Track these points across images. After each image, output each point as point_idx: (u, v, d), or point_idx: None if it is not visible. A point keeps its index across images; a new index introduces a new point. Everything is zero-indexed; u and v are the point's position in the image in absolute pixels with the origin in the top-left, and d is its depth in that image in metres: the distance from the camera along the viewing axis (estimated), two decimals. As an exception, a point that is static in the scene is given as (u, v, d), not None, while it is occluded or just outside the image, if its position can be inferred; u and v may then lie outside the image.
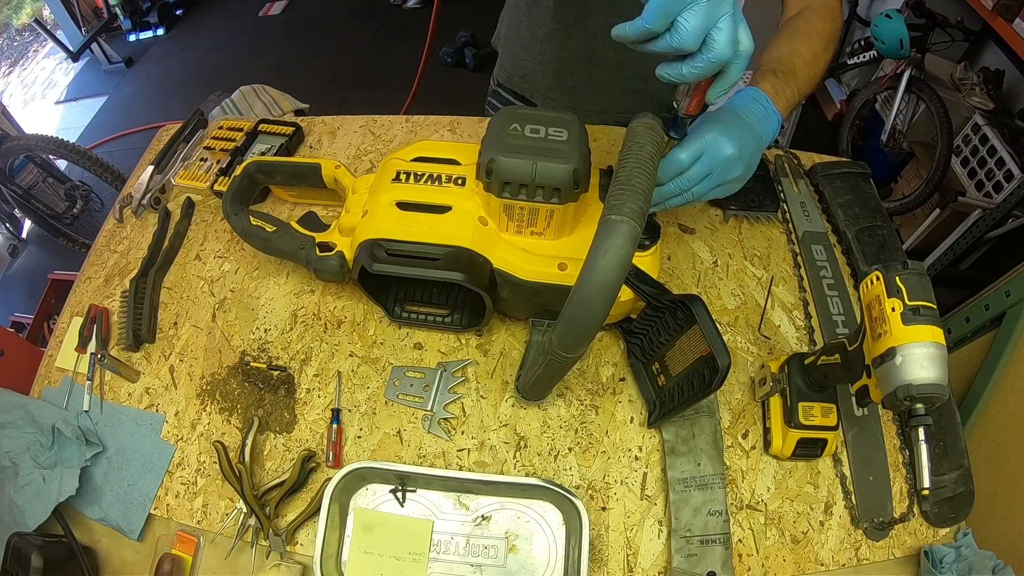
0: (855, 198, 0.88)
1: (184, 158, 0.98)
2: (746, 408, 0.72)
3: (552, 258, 0.66)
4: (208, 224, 0.91)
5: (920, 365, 0.47)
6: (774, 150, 0.96)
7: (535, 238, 0.67)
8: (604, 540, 0.64)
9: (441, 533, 0.63)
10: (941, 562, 0.62)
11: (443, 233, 0.64)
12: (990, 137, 1.80)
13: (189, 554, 0.65)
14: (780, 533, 0.65)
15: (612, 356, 0.75)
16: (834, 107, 2.61)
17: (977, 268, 1.94)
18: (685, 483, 0.65)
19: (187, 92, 3.04)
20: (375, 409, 0.72)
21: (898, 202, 2.06)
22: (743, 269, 0.82)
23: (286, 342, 0.78)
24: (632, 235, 0.45)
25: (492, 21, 1.08)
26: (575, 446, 0.69)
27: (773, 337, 0.77)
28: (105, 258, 0.90)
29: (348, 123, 1.03)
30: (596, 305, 0.47)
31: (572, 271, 0.64)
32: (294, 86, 1.81)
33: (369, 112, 1.04)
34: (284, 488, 0.66)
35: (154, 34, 3.62)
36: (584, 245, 0.48)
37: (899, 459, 0.70)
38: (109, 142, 2.96)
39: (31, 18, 3.88)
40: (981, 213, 1.73)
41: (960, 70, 2.00)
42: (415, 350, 0.76)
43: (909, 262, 0.51)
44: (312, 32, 3.40)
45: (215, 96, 1.71)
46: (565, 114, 0.64)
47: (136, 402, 0.75)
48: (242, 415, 0.72)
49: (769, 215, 0.87)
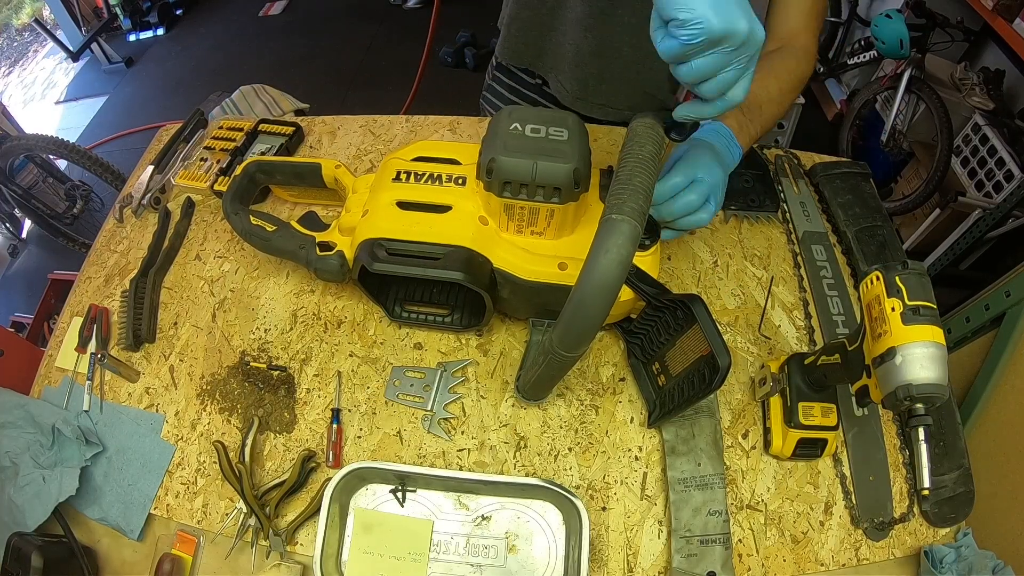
0: (855, 198, 0.88)
1: (184, 158, 0.98)
2: (746, 408, 0.72)
3: (552, 258, 0.65)
4: (208, 224, 0.91)
5: (920, 365, 0.47)
6: (774, 150, 0.96)
7: (535, 238, 0.67)
8: (604, 540, 0.64)
9: (441, 533, 0.63)
10: (941, 562, 0.62)
11: (443, 233, 0.64)
12: (990, 137, 1.80)
13: (189, 554, 0.65)
14: (780, 533, 0.65)
15: (612, 356, 0.75)
16: (834, 107, 2.61)
17: (977, 268, 1.94)
18: (685, 483, 0.65)
19: (187, 92, 3.04)
20: (375, 409, 0.72)
21: (898, 202, 2.06)
22: (743, 269, 0.82)
23: (286, 342, 0.78)
24: (633, 235, 0.45)
25: (492, 21, 1.07)
26: (575, 446, 0.69)
27: (773, 337, 0.77)
28: (105, 258, 0.90)
29: (348, 123, 1.03)
30: (596, 305, 0.47)
31: (572, 271, 0.64)
32: (294, 86, 1.81)
33: (369, 112, 1.04)
34: (284, 488, 0.66)
35: (154, 34, 3.62)
36: (584, 245, 0.48)
37: (899, 459, 0.70)
38: (109, 142, 2.96)
39: (31, 18, 3.88)
40: (981, 213, 1.73)
41: (960, 70, 2.00)
42: (415, 350, 0.76)
43: (909, 262, 0.51)
44: (312, 32, 3.40)
45: (215, 96, 1.71)
46: (565, 114, 0.64)
47: (136, 402, 0.75)
48: (242, 415, 0.72)
49: (769, 215, 0.87)
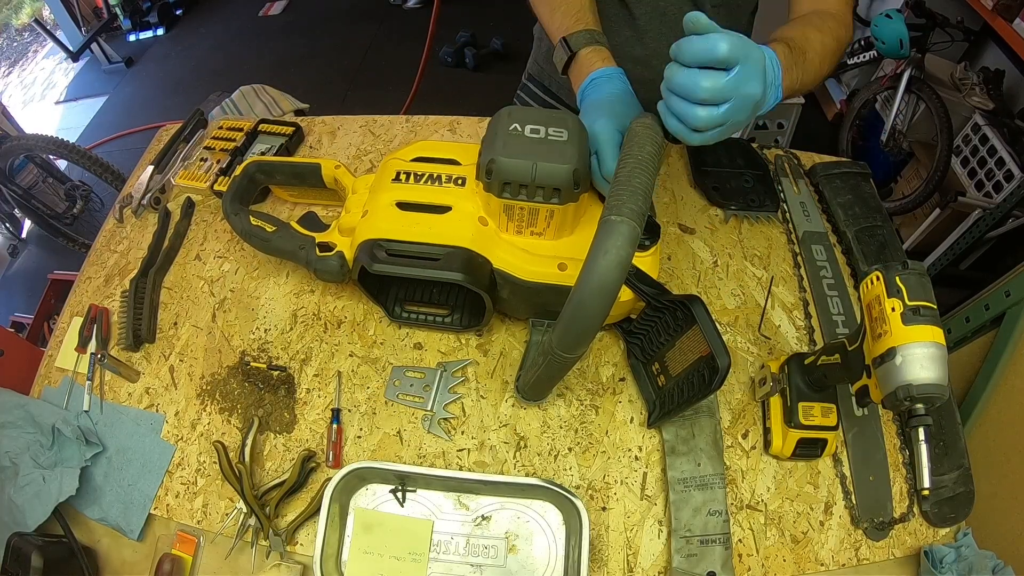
0: (855, 198, 0.88)
1: (184, 158, 0.98)
2: (746, 408, 0.72)
3: (552, 258, 0.65)
4: (208, 224, 0.91)
5: (920, 365, 0.47)
6: (774, 150, 0.96)
7: (535, 238, 0.67)
8: (604, 540, 0.64)
9: (441, 533, 0.63)
10: (941, 562, 0.62)
11: (443, 233, 0.64)
12: (990, 137, 1.80)
13: (189, 554, 0.65)
14: (780, 533, 0.65)
15: (612, 356, 0.75)
16: (834, 107, 2.61)
17: (977, 268, 1.94)
18: (685, 483, 0.65)
19: (187, 92, 3.03)
20: (375, 409, 0.72)
21: (898, 202, 2.06)
22: (743, 269, 0.82)
23: (286, 342, 0.78)
24: (632, 236, 0.45)
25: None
26: (575, 446, 0.69)
27: (773, 337, 0.77)
28: (105, 258, 0.90)
29: (348, 123, 1.03)
30: (596, 305, 0.47)
31: (572, 271, 0.64)
32: (294, 86, 1.81)
33: (369, 112, 1.04)
34: (284, 488, 0.66)
35: (154, 34, 3.62)
36: (584, 245, 0.48)
37: (899, 459, 0.70)
38: (109, 142, 2.96)
39: (31, 18, 3.88)
40: (981, 213, 1.73)
41: (960, 70, 2.00)
42: (415, 350, 0.76)
43: (909, 262, 0.51)
44: (312, 32, 3.40)
45: (215, 96, 1.71)
46: (565, 114, 0.64)
47: (136, 402, 0.75)
48: (242, 415, 0.72)
49: (769, 215, 0.87)
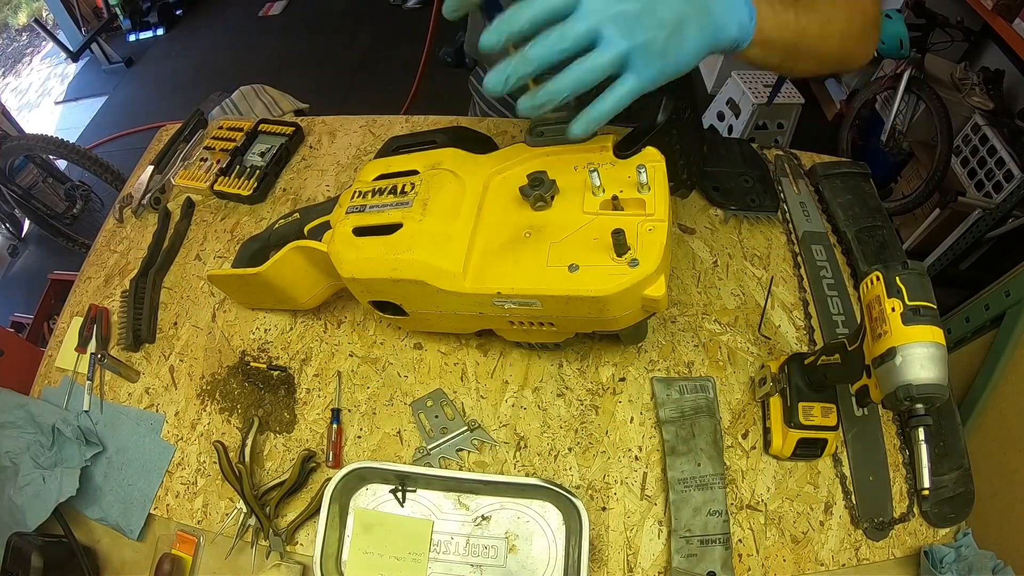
0: (855, 198, 0.88)
1: (184, 158, 0.98)
2: (746, 408, 0.72)
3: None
4: (208, 224, 0.91)
5: (920, 365, 0.47)
6: (774, 150, 0.95)
7: None
8: (604, 540, 0.64)
9: (441, 533, 0.63)
10: (941, 562, 0.62)
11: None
12: (990, 137, 1.80)
13: (189, 554, 0.65)
14: (780, 533, 0.65)
15: (612, 356, 0.75)
16: (834, 107, 2.61)
17: (977, 268, 1.94)
18: (685, 483, 0.65)
19: (187, 92, 3.03)
20: (375, 409, 0.72)
21: (898, 202, 2.06)
22: (743, 269, 0.82)
23: (286, 342, 0.78)
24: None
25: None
26: (575, 446, 0.69)
27: (773, 337, 0.77)
28: (105, 258, 0.90)
29: (348, 123, 1.03)
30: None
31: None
32: (294, 86, 1.81)
33: (369, 112, 1.04)
34: (284, 488, 0.66)
35: (154, 34, 3.63)
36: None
37: (899, 459, 0.70)
38: (109, 142, 2.97)
39: (30, 18, 3.88)
40: (981, 213, 1.74)
41: (960, 70, 2.00)
42: (415, 350, 0.76)
43: (909, 262, 0.51)
44: (312, 32, 3.40)
45: (215, 96, 1.71)
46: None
47: (136, 402, 0.75)
48: (242, 415, 0.72)
49: (769, 215, 0.87)
